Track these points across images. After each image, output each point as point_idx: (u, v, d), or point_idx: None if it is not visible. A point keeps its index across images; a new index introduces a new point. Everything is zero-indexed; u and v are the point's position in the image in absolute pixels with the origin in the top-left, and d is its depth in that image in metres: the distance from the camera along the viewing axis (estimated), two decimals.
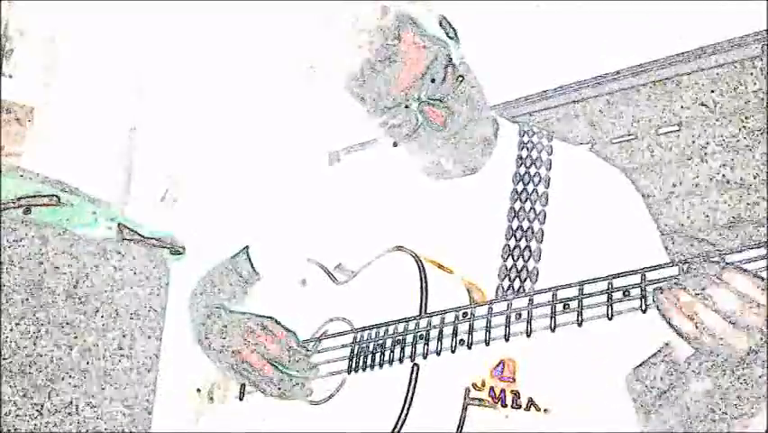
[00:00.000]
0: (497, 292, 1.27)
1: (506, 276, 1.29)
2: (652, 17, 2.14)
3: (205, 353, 1.43)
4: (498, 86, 1.42)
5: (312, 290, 1.45)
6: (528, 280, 1.28)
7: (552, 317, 1.09)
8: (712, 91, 2.05)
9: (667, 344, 1.26)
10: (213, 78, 3.12)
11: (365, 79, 1.28)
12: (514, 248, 1.30)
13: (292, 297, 1.46)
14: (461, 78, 1.31)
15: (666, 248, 1.36)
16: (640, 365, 1.27)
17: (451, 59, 1.31)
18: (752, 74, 2.00)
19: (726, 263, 0.97)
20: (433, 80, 1.28)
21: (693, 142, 2.08)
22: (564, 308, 1.08)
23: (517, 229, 1.31)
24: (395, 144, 1.33)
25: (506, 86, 2.29)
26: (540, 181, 1.36)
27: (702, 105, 2.06)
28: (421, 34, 1.29)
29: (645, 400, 1.26)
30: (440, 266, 1.27)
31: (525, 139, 1.41)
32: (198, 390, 1.54)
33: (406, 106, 1.28)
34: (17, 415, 2.11)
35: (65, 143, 2.94)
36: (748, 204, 1.96)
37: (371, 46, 1.26)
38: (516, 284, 1.28)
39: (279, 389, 1.32)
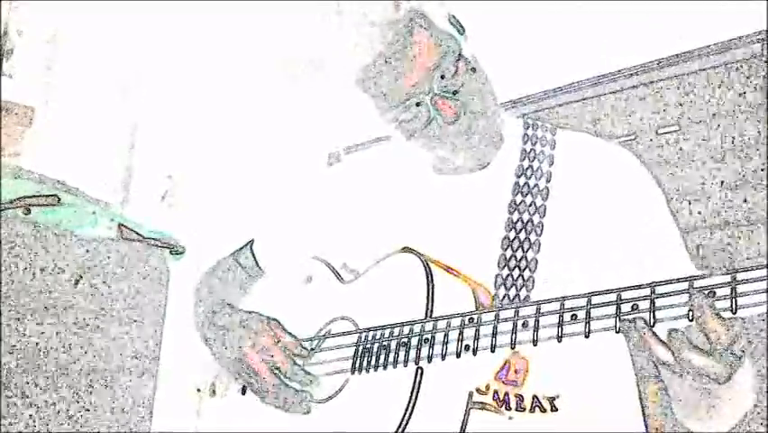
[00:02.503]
0: (495, 281, 1.28)
1: (504, 265, 1.29)
2: (652, 17, 2.14)
3: (211, 350, 1.43)
4: (499, 86, 1.42)
5: (317, 288, 1.45)
6: (527, 269, 1.28)
7: (559, 327, 1.09)
8: (712, 91, 2.06)
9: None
10: (213, 77, 3.12)
11: (377, 74, 1.28)
12: (513, 239, 1.31)
13: (297, 294, 1.46)
14: (473, 70, 1.31)
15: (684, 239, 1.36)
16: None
17: (461, 52, 1.31)
18: (752, 74, 2.00)
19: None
20: (442, 76, 1.29)
21: (693, 142, 2.08)
22: (572, 318, 1.09)
23: (517, 222, 1.32)
24: (408, 138, 1.33)
25: (506, 86, 2.29)
26: (542, 176, 1.36)
27: (702, 104, 2.06)
28: (432, 29, 1.29)
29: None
30: (447, 268, 1.27)
31: (530, 132, 1.41)
32: (198, 389, 1.54)
33: (418, 102, 1.29)
34: (17, 415, 2.11)
35: (65, 143, 2.94)
36: (748, 204, 1.96)
37: (384, 39, 1.26)
38: (516, 273, 1.28)
39: (278, 399, 1.32)
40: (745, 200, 1.97)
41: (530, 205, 1.33)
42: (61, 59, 3.01)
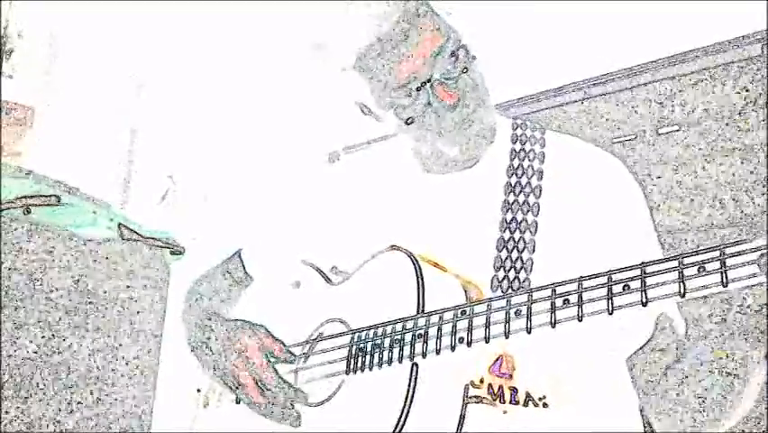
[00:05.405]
0: (492, 283, 1.28)
1: (500, 267, 1.29)
2: (652, 17, 2.14)
3: (200, 362, 1.43)
4: (499, 86, 1.42)
5: (307, 292, 1.44)
6: (523, 270, 1.28)
7: (552, 313, 1.09)
8: (712, 91, 2.05)
9: (661, 319, 1.26)
10: (213, 78, 3.13)
11: (379, 54, 1.28)
12: (508, 240, 1.30)
13: (287, 299, 1.46)
14: (474, 58, 1.32)
15: (663, 243, 1.37)
16: (640, 348, 1.27)
17: (462, 41, 1.31)
18: (752, 74, 2.00)
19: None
20: (438, 72, 1.29)
21: (693, 142, 2.07)
22: (564, 303, 1.09)
23: (511, 221, 1.32)
24: (408, 122, 1.33)
25: (506, 86, 2.29)
26: (533, 174, 1.36)
27: (702, 104, 2.06)
28: (436, 16, 1.30)
29: (648, 384, 1.26)
30: (435, 264, 1.27)
31: (519, 132, 1.41)
32: (198, 390, 1.54)
33: (418, 86, 1.29)
34: (17, 415, 2.11)
35: (65, 143, 2.94)
36: (748, 204, 1.96)
37: (389, 20, 1.26)
38: (512, 274, 1.28)
39: (266, 412, 1.33)
40: (745, 200, 1.97)
41: (523, 204, 1.33)
42: (61, 60, 3.01)
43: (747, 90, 2.00)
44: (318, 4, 1.38)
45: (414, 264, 1.24)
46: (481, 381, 1.20)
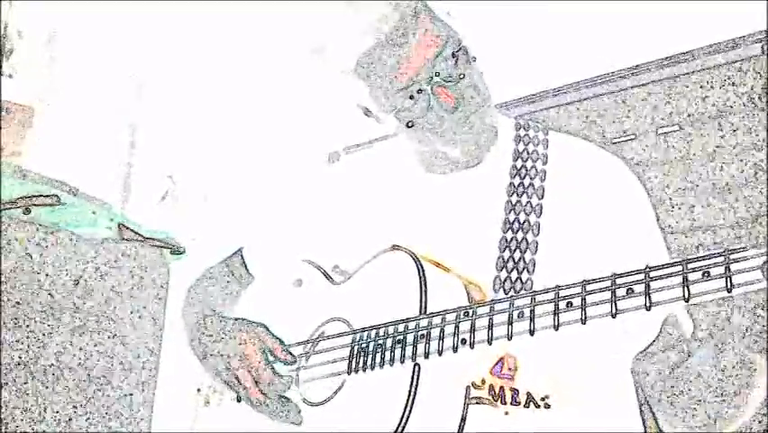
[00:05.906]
0: (494, 283, 1.28)
1: (503, 267, 1.29)
2: (652, 17, 2.14)
3: (200, 360, 1.43)
4: (498, 86, 1.42)
5: (308, 291, 1.45)
6: (525, 271, 1.28)
7: (555, 316, 1.10)
8: (712, 91, 2.05)
9: (668, 319, 1.25)
10: (214, 78, 3.12)
11: (379, 58, 1.28)
12: (510, 240, 1.31)
13: (289, 298, 1.46)
14: (474, 59, 1.32)
15: (665, 241, 1.37)
16: (645, 349, 1.27)
17: (461, 43, 1.31)
18: (752, 74, 2.00)
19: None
20: (438, 74, 1.28)
21: (693, 142, 2.08)
22: (568, 306, 1.09)
23: (514, 222, 1.32)
24: (409, 125, 1.32)
25: (506, 86, 2.29)
26: (536, 175, 1.36)
27: (702, 104, 2.06)
28: (435, 18, 1.30)
29: (655, 384, 1.26)
30: (437, 264, 1.27)
31: (522, 133, 1.42)
32: (198, 389, 1.54)
33: (419, 89, 1.29)
34: (17, 415, 2.11)
35: (65, 143, 2.94)
36: (748, 204, 1.96)
37: (387, 23, 1.26)
38: (514, 275, 1.28)
39: (265, 410, 1.33)
40: (745, 200, 1.97)
41: (526, 204, 1.33)
42: (61, 59, 3.01)
43: (747, 90, 2.00)
44: (318, 5, 1.38)
45: (416, 264, 1.24)
46: (483, 382, 1.20)
